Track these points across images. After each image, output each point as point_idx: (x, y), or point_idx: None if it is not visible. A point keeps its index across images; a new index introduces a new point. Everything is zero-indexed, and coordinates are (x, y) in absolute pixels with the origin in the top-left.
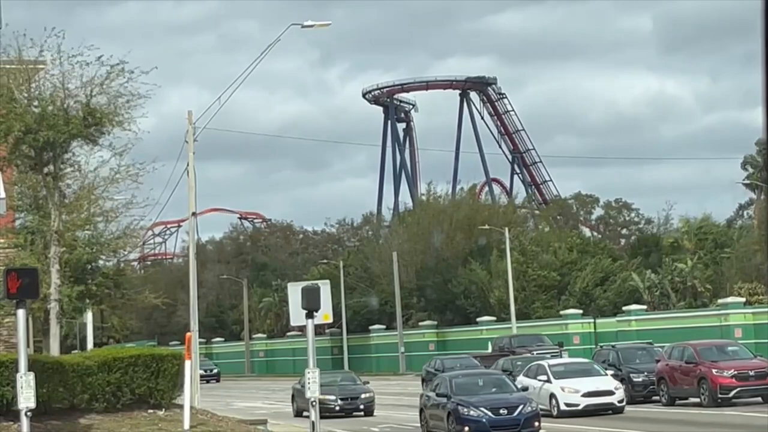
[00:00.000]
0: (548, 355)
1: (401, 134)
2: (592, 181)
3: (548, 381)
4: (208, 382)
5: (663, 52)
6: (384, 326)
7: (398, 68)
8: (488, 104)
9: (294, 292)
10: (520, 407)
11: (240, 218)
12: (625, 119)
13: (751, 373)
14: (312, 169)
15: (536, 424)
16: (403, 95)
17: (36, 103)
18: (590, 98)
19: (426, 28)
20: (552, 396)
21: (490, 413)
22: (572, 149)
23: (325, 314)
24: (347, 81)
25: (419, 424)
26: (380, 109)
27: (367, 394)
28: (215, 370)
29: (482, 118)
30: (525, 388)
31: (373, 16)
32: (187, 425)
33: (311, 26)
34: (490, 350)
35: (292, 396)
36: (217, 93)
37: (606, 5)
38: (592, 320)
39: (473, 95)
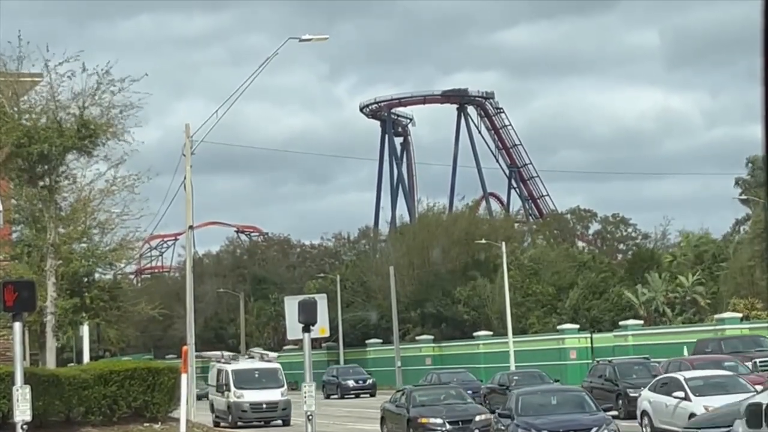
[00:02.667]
0: None
1: (399, 148)
2: (596, 195)
3: (686, 398)
4: (358, 396)
5: (670, 67)
6: (381, 340)
7: (406, 82)
8: (486, 119)
9: (291, 305)
10: (593, 430)
11: (237, 232)
12: (631, 134)
13: None
14: (315, 182)
15: None
16: (401, 109)
17: (27, 116)
18: (597, 113)
19: (435, 42)
20: (692, 417)
21: None
22: (578, 163)
23: (321, 328)
24: (355, 95)
25: None
26: (378, 123)
27: (483, 416)
28: (370, 380)
29: (480, 132)
30: (609, 408)
31: (382, 30)
32: None
33: (309, 40)
34: (686, 354)
35: (382, 419)
36: (225, 106)
37: (615, 20)
38: (589, 335)
39: (471, 110)
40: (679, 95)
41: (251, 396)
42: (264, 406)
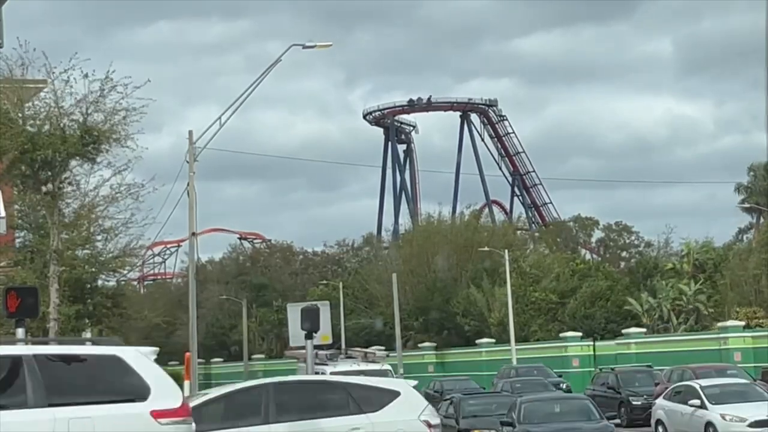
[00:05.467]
0: None
1: (402, 156)
2: (605, 203)
3: (702, 407)
4: None
5: (681, 75)
6: (383, 347)
7: (420, 90)
8: (489, 126)
9: (293, 312)
10: None
11: (240, 238)
12: (643, 142)
13: None
14: (323, 189)
15: None
16: (404, 117)
17: (31, 122)
18: (609, 120)
19: (451, 50)
20: (709, 425)
21: None
22: (588, 171)
23: (324, 335)
24: (369, 102)
25: None
26: (381, 130)
27: None
28: (564, 385)
29: (482, 140)
30: (612, 417)
31: (398, 38)
32: None
33: (313, 47)
34: None
35: None
36: (240, 113)
37: (629, 28)
38: (592, 343)
39: (474, 117)
40: (690, 104)
41: None
42: None
